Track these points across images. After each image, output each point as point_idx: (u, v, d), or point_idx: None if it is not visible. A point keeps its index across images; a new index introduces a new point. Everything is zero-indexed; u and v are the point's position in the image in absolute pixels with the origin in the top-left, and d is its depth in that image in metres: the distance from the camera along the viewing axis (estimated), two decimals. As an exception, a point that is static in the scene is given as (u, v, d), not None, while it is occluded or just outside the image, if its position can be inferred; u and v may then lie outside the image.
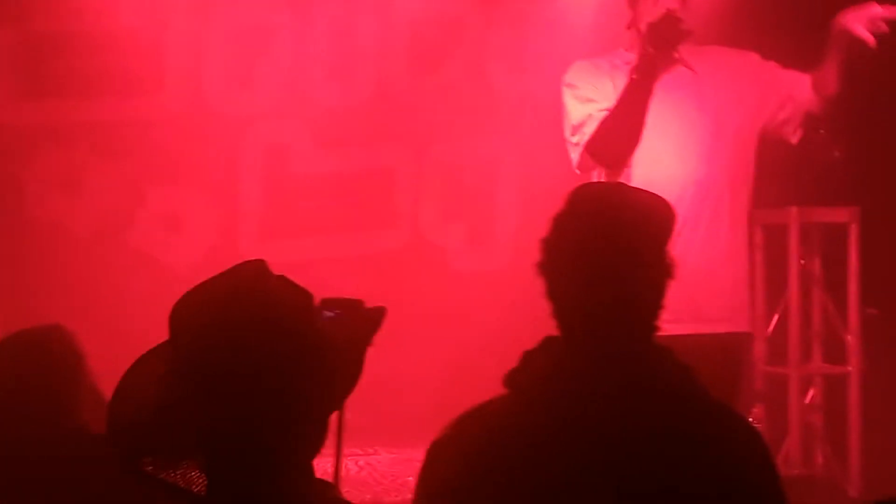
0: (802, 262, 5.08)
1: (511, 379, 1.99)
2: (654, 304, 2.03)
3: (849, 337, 5.06)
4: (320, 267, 4.96)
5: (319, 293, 3.20)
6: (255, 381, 1.62)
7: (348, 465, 4.64)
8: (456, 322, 4.96)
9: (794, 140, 3.89)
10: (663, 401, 1.94)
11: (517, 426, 1.95)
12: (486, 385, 2.08)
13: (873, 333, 5.08)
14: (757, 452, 1.99)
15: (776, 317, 5.08)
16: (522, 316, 2.12)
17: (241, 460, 1.63)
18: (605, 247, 2.00)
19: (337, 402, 1.74)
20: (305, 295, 1.72)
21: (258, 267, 1.71)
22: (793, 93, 3.81)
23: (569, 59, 4.18)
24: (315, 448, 1.70)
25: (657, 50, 3.63)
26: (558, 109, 3.91)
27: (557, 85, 3.97)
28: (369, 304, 2.00)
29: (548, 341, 2.00)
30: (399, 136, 5.26)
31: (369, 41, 5.26)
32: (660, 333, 3.30)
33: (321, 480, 1.71)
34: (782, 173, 5.08)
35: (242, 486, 1.63)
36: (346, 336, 1.76)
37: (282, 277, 1.72)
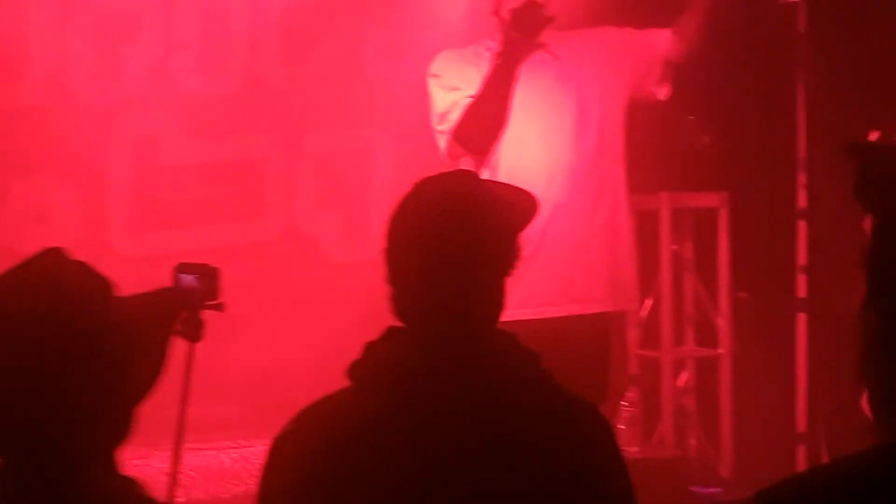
0: (674, 247, 5.16)
1: (353, 370, 1.96)
2: (495, 292, 2.00)
3: (720, 320, 5.15)
4: (192, 258, 4.87)
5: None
6: (47, 372, 1.59)
7: (223, 458, 4.58)
8: (331, 312, 4.91)
9: (662, 96, 3.91)
10: (505, 388, 1.92)
11: (358, 418, 1.92)
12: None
13: (744, 316, 5.18)
14: (600, 437, 1.98)
15: (649, 301, 5.15)
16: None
17: (38, 456, 1.59)
18: (443, 235, 1.97)
19: (139, 393, 1.70)
20: (102, 282, 1.68)
21: (54, 255, 1.68)
22: (651, 47, 3.86)
23: (441, 48, 4.17)
24: (117, 441, 1.66)
25: (520, 35, 3.66)
26: (430, 96, 3.91)
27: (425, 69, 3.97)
28: (245, 294, 1.97)
29: (390, 331, 1.97)
30: (271, 126, 5.19)
31: (240, 28, 5.17)
32: (531, 318, 3.31)
33: (125, 477, 1.67)
34: (653, 159, 5.14)
35: (41, 483, 1.58)
36: (146, 323, 1.71)
37: (79, 264, 1.69)
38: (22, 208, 4.93)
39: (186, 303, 3.04)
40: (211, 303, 3.11)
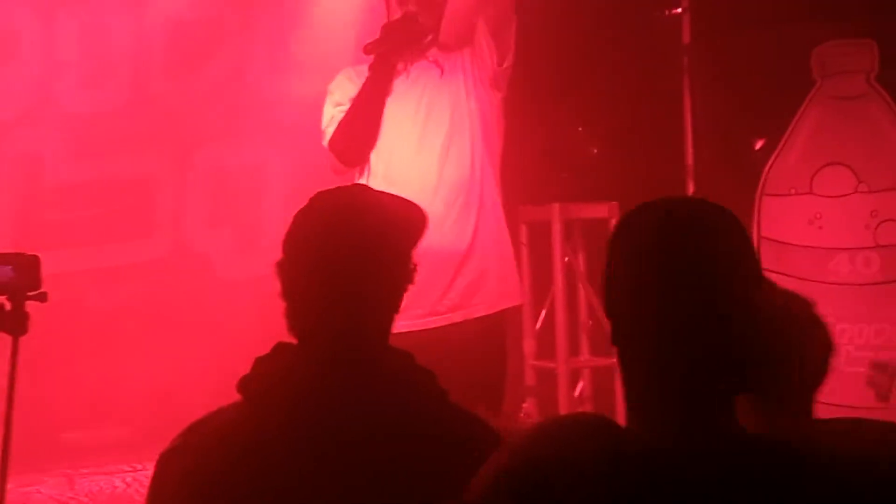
0: (566, 258, 5.20)
1: (242, 385, 1.94)
2: (388, 307, 1.99)
3: (613, 329, 5.20)
4: (80, 279, 4.79)
5: (78, 306, 3.08)
6: None
7: (115, 482, 4.50)
8: (224, 330, 4.87)
9: (504, 63, 3.83)
10: (395, 409, 1.90)
11: (245, 433, 1.89)
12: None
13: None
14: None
15: (543, 312, 5.18)
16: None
17: None
18: (336, 252, 1.96)
19: None
20: None
21: None
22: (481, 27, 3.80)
23: (330, 60, 4.16)
24: None
25: (390, 49, 3.69)
26: (320, 112, 3.91)
27: (319, 86, 3.96)
28: (136, 313, 1.93)
29: (279, 346, 1.96)
30: (159, 142, 5.13)
31: (124, 44, 5.11)
32: (415, 329, 3.29)
33: None
34: (544, 171, 5.18)
35: None
36: None
37: None
38: None
39: (6, 294, 2.94)
40: (32, 293, 2.99)
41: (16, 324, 2.94)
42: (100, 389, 4.71)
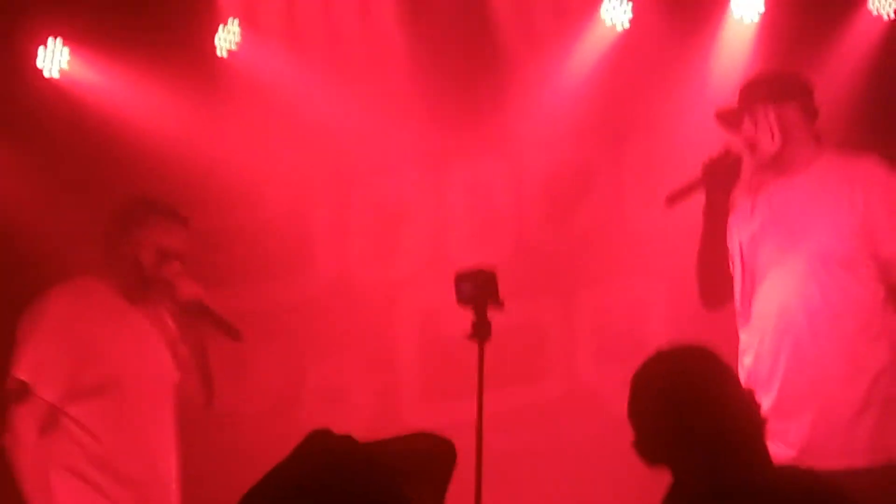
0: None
1: None
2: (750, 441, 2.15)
3: None
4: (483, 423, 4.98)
5: (484, 451, 3.24)
6: None
7: None
8: (623, 467, 4.93)
9: None
10: None
11: None
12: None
13: None
14: None
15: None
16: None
17: None
18: (684, 406, 2.26)
19: None
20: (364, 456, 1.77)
21: (320, 438, 1.78)
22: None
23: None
24: None
25: (712, 190, 3.64)
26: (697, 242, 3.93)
27: (694, 217, 3.98)
28: (535, 455, 2.05)
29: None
30: (545, 288, 5.33)
31: (505, 197, 5.38)
32: (831, 469, 3.16)
33: None
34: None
35: None
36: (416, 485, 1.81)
37: (346, 440, 1.78)
38: (321, 389, 5.21)
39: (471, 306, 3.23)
40: (494, 303, 3.28)
41: (481, 331, 3.26)
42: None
